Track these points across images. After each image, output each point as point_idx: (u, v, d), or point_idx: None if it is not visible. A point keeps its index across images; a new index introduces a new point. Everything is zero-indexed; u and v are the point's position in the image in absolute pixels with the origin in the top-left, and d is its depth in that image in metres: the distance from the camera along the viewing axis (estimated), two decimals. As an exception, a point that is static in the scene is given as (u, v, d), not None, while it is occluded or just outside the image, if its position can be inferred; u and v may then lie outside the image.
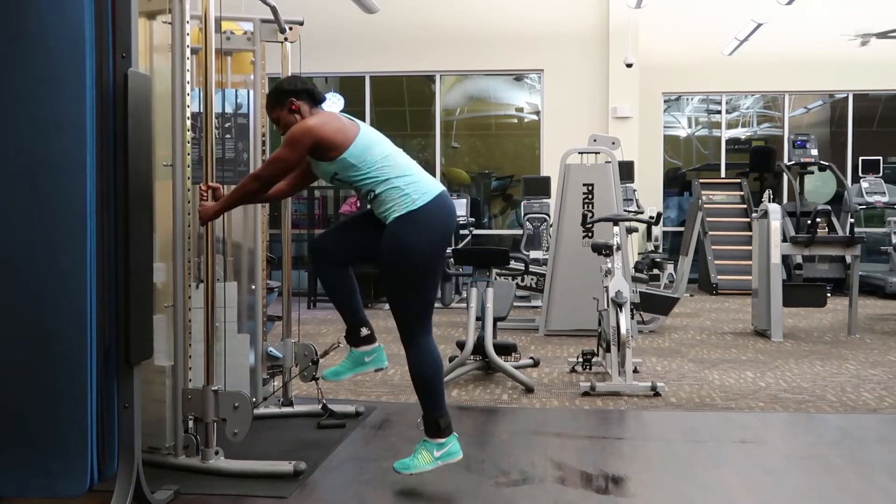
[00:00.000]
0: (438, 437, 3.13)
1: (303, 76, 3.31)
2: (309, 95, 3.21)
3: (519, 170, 12.63)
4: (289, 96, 3.18)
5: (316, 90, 3.24)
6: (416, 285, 3.11)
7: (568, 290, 7.08)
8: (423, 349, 3.14)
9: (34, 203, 2.62)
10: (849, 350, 6.42)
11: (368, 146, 3.11)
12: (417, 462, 3.12)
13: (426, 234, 3.07)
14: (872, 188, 10.73)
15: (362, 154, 3.08)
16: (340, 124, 3.11)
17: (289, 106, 3.18)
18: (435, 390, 3.14)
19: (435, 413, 3.14)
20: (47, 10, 2.60)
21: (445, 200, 3.17)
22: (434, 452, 3.12)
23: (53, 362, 2.61)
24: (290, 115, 3.18)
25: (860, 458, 3.64)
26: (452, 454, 3.15)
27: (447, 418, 3.16)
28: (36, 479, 2.64)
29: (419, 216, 3.06)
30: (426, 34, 11.74)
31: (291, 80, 3.26)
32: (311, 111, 3.19)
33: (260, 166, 3.32)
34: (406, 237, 3.05)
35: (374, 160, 3.09)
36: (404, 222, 3.05)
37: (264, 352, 4.20)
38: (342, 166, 3.10)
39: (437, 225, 3.10)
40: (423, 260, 3.08)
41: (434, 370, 3.15)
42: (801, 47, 11.71)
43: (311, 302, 9.45)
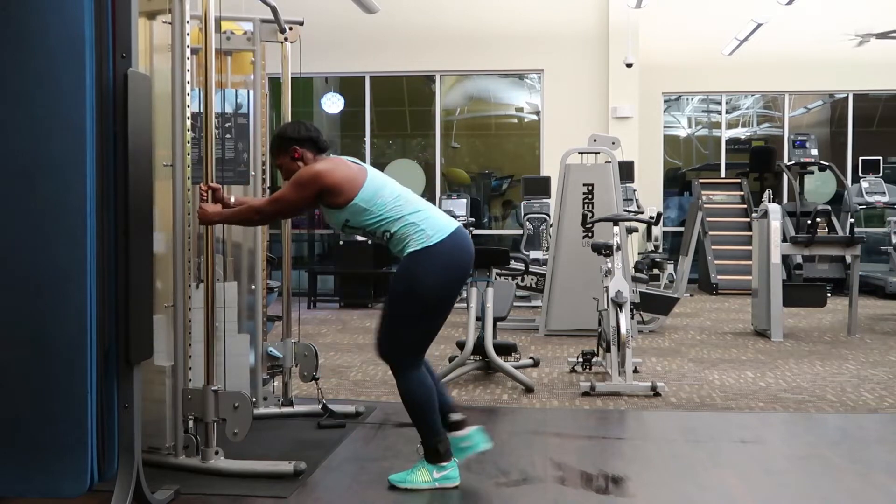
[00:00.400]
0: (439, 462, 3.12)
1: (308, 122, 3.26)
2: (313, 143, 3.17)
3: (519, 170, 12.63)
4: (292, 144, 3.15)
5: (320, 138, 3.20)
6: (419, 321, 3.08)
7: (568, 290, 7.08)
8: (413, 379, 3.10)
9: (34, 203, 2.62)
10: (849, 350, 6.42)
11: (379, 188, 3.07)
12: (415, 478, 3.11)
13: (440, 270, 3.03)
14: (872, 188, 10.73)
15: (373, 197, 3.05)
16: (349, 170, 3.07)
17: (292, 153, 3.15)
18: (429, 416, 3.11)
19: (433, 439, 3.11)
20: (47, 9, 2.60)
21: (462, 236, 3.12)
22: (434, 473, 3.11)
23: (53, 362, 2.62)
24: (293, 162, 3.15)
25: (860, 458, 3.64)
26: (451, 479, 3.13)
27: (446, 443, 3.13)
28: (36, 479, 2.64)
29: (434, 252, 3.02)
30: (426, 34, 11.73)
31: (295, 127, 3.22)
32: (314, 159, 3.16)
33: (263, 202, 3.27)
34: (418, 272, 3.01)
35: (386, 201, 3.06)
36: (418, 257, 3.01)
37: (264, 352, 4.20)
38: (354, 212, 3.06)
39: (451, 263, 3.05)
40: (432, 297, 3.04)
41: (426, 397, 3.10)
42: (801, 47, 11.71)
43: (311, 302, 9.45)
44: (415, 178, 11.97)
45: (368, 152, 12.08)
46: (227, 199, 3.40)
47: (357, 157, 3.28)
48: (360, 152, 12.10)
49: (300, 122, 3.28)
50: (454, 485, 3.14)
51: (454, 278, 3.09)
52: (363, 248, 9.41)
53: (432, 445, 3.11)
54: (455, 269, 3.08)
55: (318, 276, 10.01)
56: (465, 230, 3.17)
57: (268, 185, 4.22)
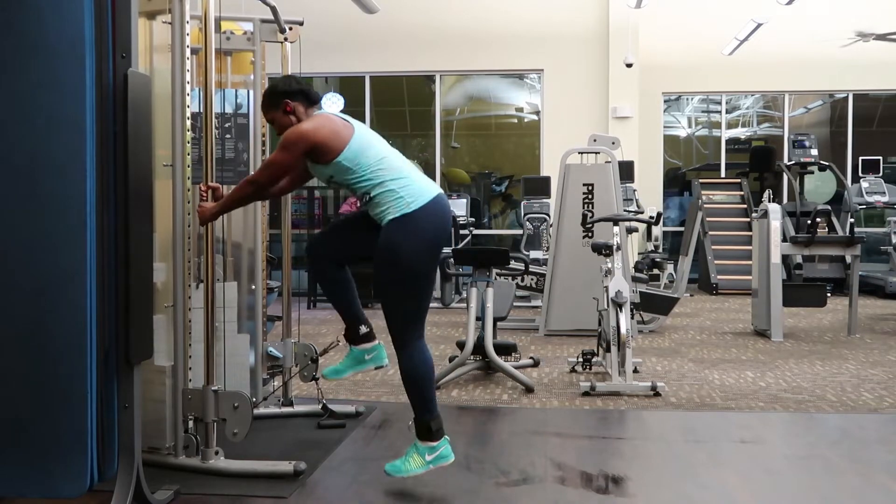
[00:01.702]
0: (430, 440, 3.11)
1: (298, 76, 3.28)
2: (304, 96, 3.17)
3: (519, 170, 12.63)
4: (283, 97, 3.15)
5: (311, 91, 3.21)
6: (409, 288, 3.09)
7: (568, 290, 7.08)
8: (415, 352, 3.11)
9: (34, 203, 2.62)
10: (849, 350, 6.42)
11: (363, 148, 3.08)
12: (409, 466, 3.11)
13: (420, 237, 3.04)
14: (872, 188, 10.73)
15: (357, 157, 3.06)
16: (335, 127, 3.08)
17: (283, 107, 3.15)
18: (426, 394, 3.12)
19: (426, 416, 3.12)
20: (47, 9, 2.60)
21: (441, 203, 3.13)
22: (426, 456, 3.11)
23: (53, 362, 2.61)
24: (285, 116, 3.15)
25: (860, 458, 3.64)
26: (444, 458, 3.13)
27: (439, 421, 3.14)
28: (36, 479, 2.64)
29: (413, 219, 3.03)
30: (426, 34, 11.74)
31: (286, 81, 3.23)
32: (306, 112, 3.17)
33: (256, 171, 3.29)
34: (400, 240, 3.03)
35: (369, 163, 3.07)
36: (398, 225, 3.03)
37: (264, 352, 4.20)
38: (337, 169, 3.08)
39: (431, 228, 3.07)
40: (417, 263, 3.06)
41: (426, 373, 3.12)
42: (801, 47, 11.71)
43: (311, 302, 9.45)
44: (415, 178, 11.95)
45: (368, 152, 12.05)
46: (227, 199, 3.40)
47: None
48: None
49: (290, 76, 3.29)
50: (448, 462, 3.14)
51: (434, 244, 3.10)
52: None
53: (425, 423, 3.12)
54: (434, 235, 3.09)
55: (317, 276, 9.97)
56: (444, 196, 3.18)
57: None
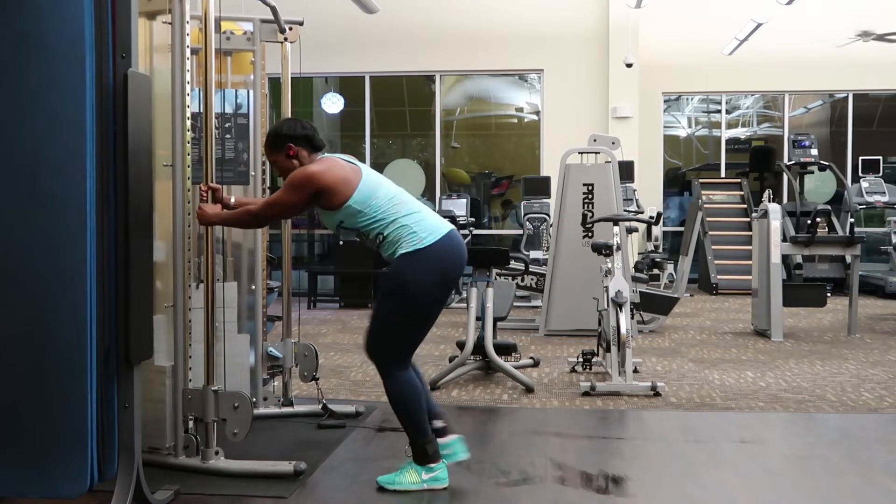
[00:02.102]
0: (428, 463, 3.11)
1: (304, 120, 3.24)
2: (308, 142, 3.15)
3: (519, 170, 12.63)
4: (286, 141, 3.13)
5: (316, 136, 3.18)
6: (410, 323, 3.07)
7: (568, 290, 7.08)
8: (400, 380, 3.09)
9: (34, 203, 2.62)
10: (849, 350, 6.42)
11: (373, 190, 3.06)
12: (403, 479, 3.10)
13: (431, 273, 3.01)
14: (872, 188, 10.73)
15: (367, 199, 3.03)
16: (343, 171, 3.05)
17: (286, 151, 3.13)
18: (416, 416, 3.10)
19: (421, 439, 3.11)
20: (47, 10, 2.60)
21: (454, 239, 3.10)
22: (422, 475, 3.10)
23: (53, 362, 2.61)
24: (288, 160, 3.13)
25: (860, 458, 3.64)
26: (440, 480, 3.12)
27: (434, 444, 3.12)
28: (36, 479, 2.64)
29: (425, 255, 3.00)
30: (426, 34, 11.74)
31: (291, 125, 3.19)
32: (309, 157, 3.14)
33: (259, 205, 3.23)
34: (409, 274, 3.00)
35: (380, 203, 3.04)
36: (409, 259, 3.00)
37: (264, 352, 4.20)
38: (348, 213, 3.05)
39: (443, 264, 3.04)
40: (424, 299, 3.03)
41: (414, 397, 3.09)
42: (801, 47, 11.71)
43: (311, 302, 9.45)
44: (415, 178, 11.97)
45: (368, 152, 12.08)
46: (227, 200, 3.39)
47: (356, 157, 3.27)
48: (360, 152, 12.10)
49: (296, 120, 3.25)
50: (443, 486, 3.12)
51: (445, 281, 3.07)
52: (363, 249, 9.40)
53: (420, 446, 3.10)
54: (446, 271, 3.06)
55: (318, 276, 10.01)
56: (457, 233, 3.15)
57: (268, 186, 4.22)
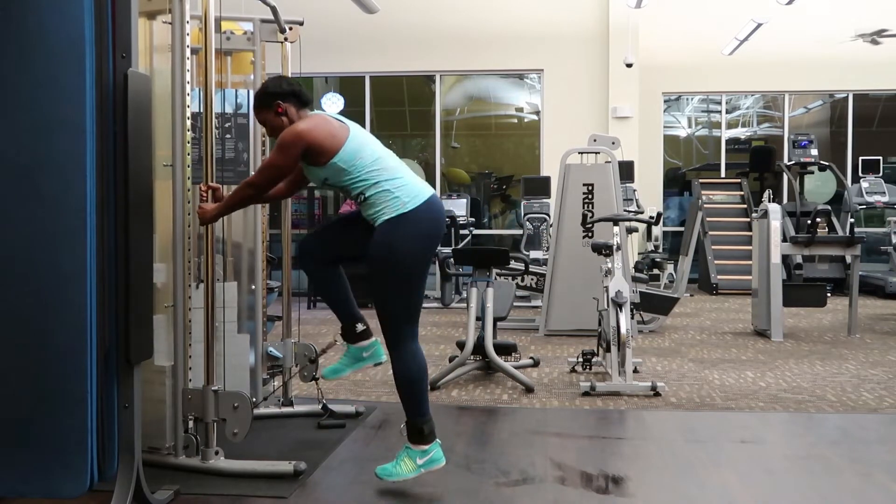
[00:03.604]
0: (421, 443, 3.11)
1: (289, 77, 3.25)
2: (295, 97, 3.15)
3: (519, 170, 12.63)
4: (274, 98, 3.13)
5: (303, 91, 3.19)
6: (403, 289, 3.09)
7: (568, 290, 7.08)
8: (408, 353, 3.11)
9: (34, 203, 2.62)
10: (849, 350, 6.42)
11: (358, 149, 3.08)
12: (400, 469, 3.10)
13: (414, 238, 3.06)
14: (872, 188, 10.74)
15: (352, 158, 3.06)
16: (331, 128, 3.07)
17: (275, 108, 3.13)
18: (419, 395, 3.11)
19: (419, 419, 3.11)
20: (47, 9, 2.60)
21: (435, 204, 3.14)
22: (417, 460, 3.10)
23: (53, 362, 2.61)
24: (277, 117, 3.14)
25: (860, 458, 3.64)
26: (435, 461, 3.13)
27: (431, 424, 3.13)
28: (36, 479, 2.64)
29: (408, 219, 3.04)
30: (426, 34, 11.74)
31: (277, 82, 3.20)
32: (298, 113, 3.15)
33: (254, 174, 3.28)
34: (394, 240, 3.04)
35: (364, 163, 3.07)
36: (392, 225, 3.04)
37: (264, 352, 4.20)
38: (333, 171, 3.07)
39: (425, 228, 3.08)
40: (410, 263, 3.07)
41: (419, 375, 3.12)
42: (801, 47, 11.71)
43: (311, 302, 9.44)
44: (415, 179, 11.95)
45: (368, 152, 12.05)
46: (227, 199, 3.40)
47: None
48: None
49: (281, 77, 3.26)
50: (439, 466, 3.13)
51: (428, 245, 3.12)
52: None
53: (417, 425, 3.11)
54: (429, 235, 3.11)
55: (318, 276, 9.98)
56: (437, 197, 3.20)
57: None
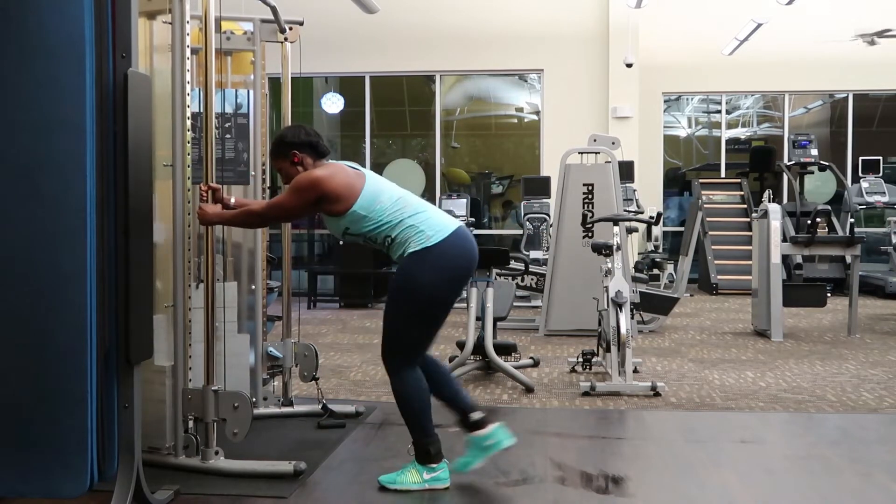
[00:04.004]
0: (429, 463, 3.10)
1: (307, 127, 3.24)
2: (312, 148, 3.16)
3: (519, 170, 12.63)
4: (291, 148, 3.15)
5: (320, 143, 3.19)
6: (420, 322, 3.07)
7: (568, 290, 7.08)
8: (407, 379, 3.09)
9: (34, 203, 2.62)
10: (849, 350, 6.42)
11: (377, 194, 3.06)
12: (405, 479, 3.10)
13: (441, 270, 3.01)
14: (872, 188, 10.73)
15: (372, 204, 3.04)
16: (347, 177, 3.06)
17: (291, 158, 3.15)
18: (422, 417, 3.10)
19: (424, 439, 3.10)
20: (47, 9, 2.60)
21: (463, 236, 3.09)
22: (423, 475, 3.10)
23: (53, 362, 2.62)
24: (293, 166, 3.15)
25: (860, 458, 3.64)
26: (441, 480, 3.12)
27: (438, 444, 3.12)
28: (36, 479, 2.64)
29: (434, 253, 3.00)
30: (426, 34, 11.73)
31: (295, 131, 3.20)
32: (314, 164, 3.15)
33: (262, 206, 3.26)
34: (418, 273, 3.00)
35: (384, 207, 3.04)
36: (417, 258, 3.00)
37: (264, 352, 4.20)
38: (353, 219, 3.05)
39: (453, 261, 3.04)
40: (434, 297, 3.03)
41: (420, 397, 3.09)
42: (801, 47, 11.71)
43: (311, 302, 9.45)
44: (415, 178, 11.96)
45: (368, 152, 12.06)
46: (228, 200, 3.39)
47: (357, 158, 3.29)
48: (360, 152, 12.09)
49: (300, 126, 3.26)
50: (444, 486, 3.12)
51: (455, 278, 3.07)
52: (363, 249, 9.40)
53: (423, 446, 3.10)
54: (455, 269, 3.06)
55: (318, 276, 10.01)
56: (466, 229, 3.14)
57: (268, 186, 4.22)
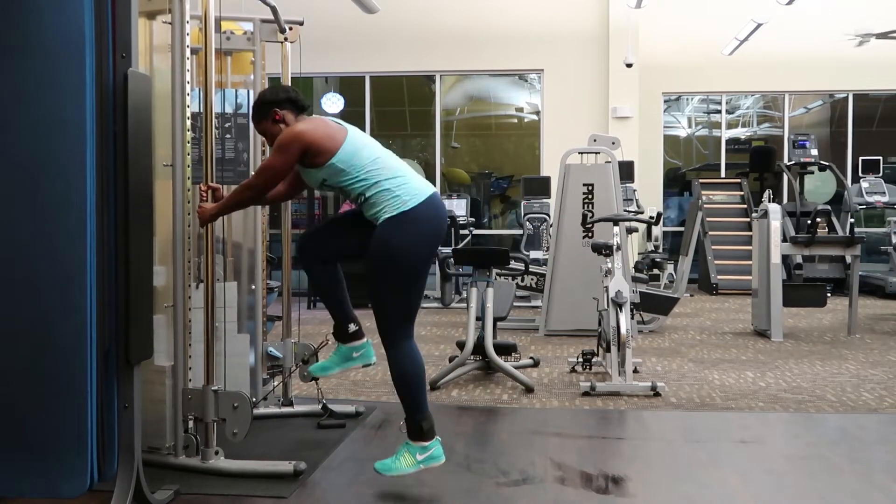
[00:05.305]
0: (421, 440, 3.11)
1: (286, 85, 3.27)
2: (292, 104, 3.17)
3: (519, 170, 12.63)
4: (272, 107, 3.15)
5: (299, 97, 3.20)
6: (401, 287, 3.09)
7: (568, 290, 7.08)
8: (404, 351, 3.11)
9: (34, 203, 2.62)
10: (849, 350, 6.42)
11: (357, 149, 3.08)
12: (399, 464, 3.10)
13: (415, 236, 3.05)
14: (872, 188, 10.74)
15: (351, 158, 3.06)
16: (328, 129, 3.08)
17: (272, 116, 3.15)
18: (417, 393, 3.11)
19: (417, 416, 3.11)
20: (47, 9, 2.60)
21: (436, 202, 3.14)
22: (417, 456, 3.10)
23: (53, 362, 2.61)
24: (275, 125, 3.15)
25: (860, 458, 3.64)
26: (435, 458, 3.12)
27: (430, 421, 3.12)
28: (36, 479, 2.64)
29: (409, 218, 3.04)
30: (426, 34, 11.74)
31: (273, 91, 3.22)
32: (296, 119, 3.16)
33: (252, 176, 3.29)
34: (394, 239, 3.03)
35: (363, 163, 3.07)
36: (393, 224, 3.04)
37: (264, 352, 4.20)
38: (331, 171, 3.07)
39: (426, 227, 3.08)
40: (410, 262, 3.07)
41: (416, 373, 3.11)
42: (801, 47, 11.71)
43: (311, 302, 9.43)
44: (415, 178, 11.95)
45: (368, 152, 12.05)
46: (227, 199, 3.40)
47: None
48: (360, 152, 12.07)
49: (277, 85, 3.29)
50: (439, 463, 3.12)
51: (429, 243, 3.11)
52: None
53: (416, 423, 3.11)
54: (430, 234, 3.10)
55: (318, 276, 9.98)
56: (439, 196, 3.19)
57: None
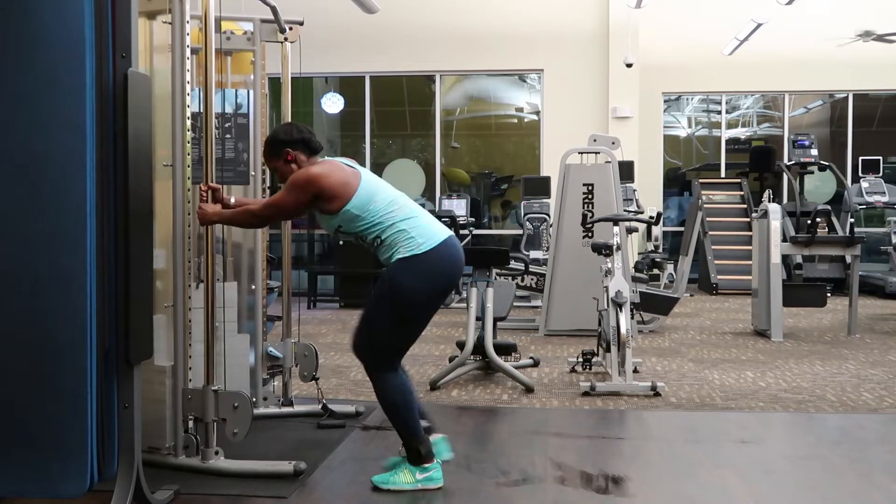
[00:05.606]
0: (421, 463, 3.10)
1: (300, 124, 3.24)
2: (305, 145, 3.15)
3: (519, 170, 12.63)
4: (284, 146, 3.14)
5: (313, 139, 3.18)
6: (402, 326, 3.07)
7: (568, 290, 7.08)
8: (390, 382, 3.09)
9: (34, 203, 2.62)
10: (849, 350, 6.42)
11: (372, 195, 3.06)
12: (397, 479, 3.09)
13: (425, 281, 3.01)
14: (872, 188, 10.73)
15: (366, 204, 3.04)
16: (343, 174, 3.05)
17: (285, 156, 3.14)
18: (407, 419, 3.09)
19: (413, 440, 3.09)
20: (47, 9, 2.60)
21: (452, 246, 3.10)
22: (416, 475, 3.09)
23: (53, 362, 2.61)
24: (286, 165, 3.14)
25: (860, 458, 3.64)
26: (434, 480, 3.11)
27: (427, 444, 3.11)
28: (36, 479, 2.64)
29: (421, 261, 3.00)
30: (426, 34, 11.74)
31: (287, 129, 3.20)
32: (308, 161, 3.15)
33: (260, 205, 3.25)
34: (404, 279, 3.00)
35: (378, 208, 3.05)
36: (405, 265, 3.00)
37: (264, 352, 4.20)
38: (346, 218, 3.06)
39: (438, 272, 3.04)
40: (418, 304, 3.04)
41: (403, 399, 3.08)
42: (801, 47, 11.71)
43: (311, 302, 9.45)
44: (415, 178, 11.97)
45: (368, 152, 12.08)
46: (227, 200, 3.39)
47: (357, 158, 3.28)
48: (360, 152, 12.10)
49: (292, 124, 3.26)
50: (437, 486, 3.11)
51: (439, 288, 3.07)
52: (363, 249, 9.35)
53: (413, 447, 3.10)
54: (441, 278, 3.06)
55: (318, 276, 10.02)
56: (455, 239, 3.15)
57: (267, 185, 4.22)
